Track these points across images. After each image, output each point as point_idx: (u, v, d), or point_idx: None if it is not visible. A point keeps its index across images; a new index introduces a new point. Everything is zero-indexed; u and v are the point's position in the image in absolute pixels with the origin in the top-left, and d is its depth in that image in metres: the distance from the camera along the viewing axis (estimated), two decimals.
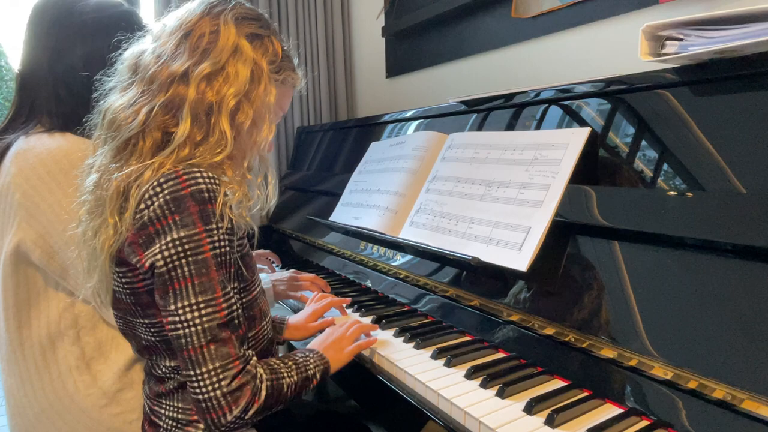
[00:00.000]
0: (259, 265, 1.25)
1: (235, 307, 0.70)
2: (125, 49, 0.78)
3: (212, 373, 0.65)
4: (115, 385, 0.96)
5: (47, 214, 0.91)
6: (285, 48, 0.83)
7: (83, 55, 0.94)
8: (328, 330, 0.91)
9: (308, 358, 0.80)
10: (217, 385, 0.65)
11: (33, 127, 0.96)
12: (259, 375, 0.69)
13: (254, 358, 0.71)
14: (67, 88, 0.95)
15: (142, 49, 0.76)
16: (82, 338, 0.97)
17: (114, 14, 0.99)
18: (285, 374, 0.74)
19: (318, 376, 0.78)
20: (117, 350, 0.97)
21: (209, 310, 0.66)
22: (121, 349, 0.97)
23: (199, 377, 0.65)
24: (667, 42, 0.71)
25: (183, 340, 0.66)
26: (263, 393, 0.68)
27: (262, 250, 1.48)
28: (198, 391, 0.65)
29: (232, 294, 0.70)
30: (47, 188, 0.91)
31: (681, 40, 0.69)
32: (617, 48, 1.19)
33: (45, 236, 0.91)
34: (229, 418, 0.65)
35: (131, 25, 0.92)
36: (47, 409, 0.95)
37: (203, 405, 0.65)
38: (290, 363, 0.77)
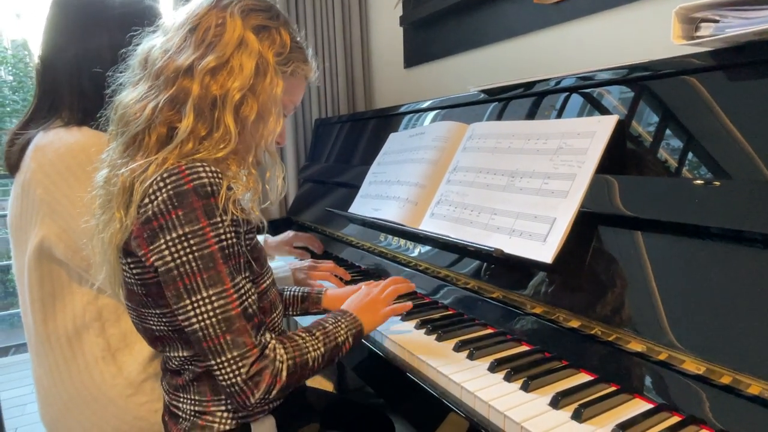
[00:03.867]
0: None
1: (246, 297, 0.70)
2: (138, 44, 0.78)
3: (231, 361, 0.67)
4: (141, 375, 0.97)
5: (68, 208, 0.92)
6: (297, 39, 0.81)
7: (112, 49, 0.95)
8: (363, 290, 0.92)
9: (339, 324, 0.80)
10: (237, 373, 0.67)
11: (53, 121, 0.97)
12: (278, 357, 0.70)
13: (272, 341, 0.71)
14: (93, 82, 0.95)
15: (152, 44, 0.76)
16: (107, 330, 0.99)
17: (140, 9, 1.00)
18: (310, 348, 0.75)
19: (350, 340, 0.80)
20: (141, 341, 0.99)
21: (221, 302, 0.67)
22: None
23: (220, 366, 0.67)
24: (702, 24, 0.68)
25: (200, 333, 0.67)
26: (284, 373, 0.70)
27: (302, 233, 1.48)
28: (221, 377, 0.68)
29: (243, 284, 0.70)
30: (66, 183, 0.92)
31: (717, 21, 0.66)
32: (645, 33, 1.15)
33: (68, 231, 0.93)
34: (252, 400, 0.68)
35: (153, 20, 0.92)
36: (75, 398, 0.97)
37: (228, 390, 0.68)
38: (318, 334, 0.77)
